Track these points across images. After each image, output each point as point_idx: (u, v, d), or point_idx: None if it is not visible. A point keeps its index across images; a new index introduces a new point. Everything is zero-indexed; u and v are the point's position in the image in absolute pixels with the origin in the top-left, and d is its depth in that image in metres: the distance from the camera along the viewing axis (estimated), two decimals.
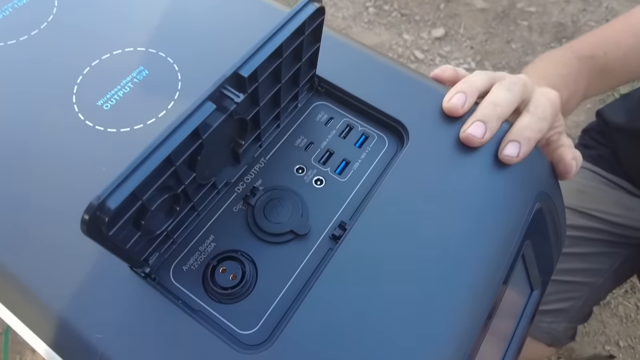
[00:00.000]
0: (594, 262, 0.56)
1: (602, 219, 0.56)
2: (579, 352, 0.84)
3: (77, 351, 0.20)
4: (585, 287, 0.55)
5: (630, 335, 0.88)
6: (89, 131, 0.25)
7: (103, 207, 0.15)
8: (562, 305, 0.56)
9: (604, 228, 0.56)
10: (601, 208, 0.57)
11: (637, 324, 0.89)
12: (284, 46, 0.20)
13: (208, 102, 0.17)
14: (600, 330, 0.88)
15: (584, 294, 0.55)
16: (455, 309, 0.22)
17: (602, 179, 0.59)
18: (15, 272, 0.21)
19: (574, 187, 0.59)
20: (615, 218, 0.56)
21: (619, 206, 0.57)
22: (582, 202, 0.57)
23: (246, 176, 0.25)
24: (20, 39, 0.28)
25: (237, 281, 0.22)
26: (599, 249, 0.56)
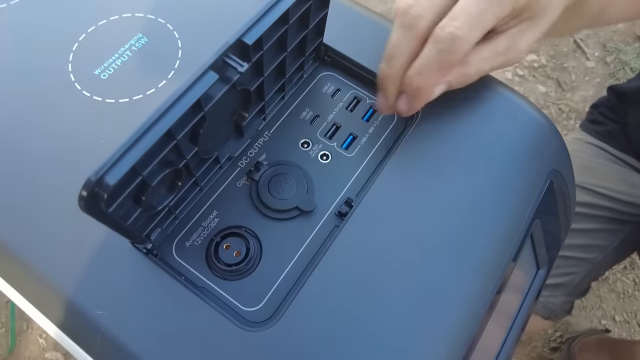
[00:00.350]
0: (595, 239, 0.56)
1: (605, 196, 0.56)
2: (576, 326, 0.85)
3: (80, 327, 0.20)
4: (585, 263, 0.55)
5: (627, 310, 0.89)
6: (87, 102, 0.24)
7: (102, 183, 0.15)
8: (561, 279, 0.56)
9: (607, 205, 0.56)
10: (605, 184, 0.56)
11: (634, 300, 0.90)
12: (291, 12, 0.19)
13: (210, 71, 0.16)
14: (597, 305, 0.89)
15: (583, 269, 0.56)
16: (463, 286, 0.22)
17: (609, 155, 0.58)
18: (15, 249, 0.21)
19: (578, 162, 0.58)
20: (619, 195, 0.56)
21: (624, 183, 0.56)
22: (586, 178, 0.56)
23: (250, 150, 0.24)
24: (12, 2, 0.27)
25: (241, 258, 0.21)
26: (601, 226, 0.56)
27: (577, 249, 0.56)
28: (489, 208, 0.23)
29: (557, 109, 1.10)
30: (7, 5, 0.27)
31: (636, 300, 0.90)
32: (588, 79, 1.12)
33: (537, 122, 0.26)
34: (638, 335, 0.86)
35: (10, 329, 0.78)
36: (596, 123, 0.61)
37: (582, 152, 0.59)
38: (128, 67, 0.25)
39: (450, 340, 0.21)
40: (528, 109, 0.26)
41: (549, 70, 1.13)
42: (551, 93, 1.12)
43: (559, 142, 0.27)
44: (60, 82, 0.24)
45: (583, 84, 1.12)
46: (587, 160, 0.58)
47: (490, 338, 0.27)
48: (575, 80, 1.13)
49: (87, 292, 0.20)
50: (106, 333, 0.19)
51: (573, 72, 1.13)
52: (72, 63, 0.25)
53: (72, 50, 0.25)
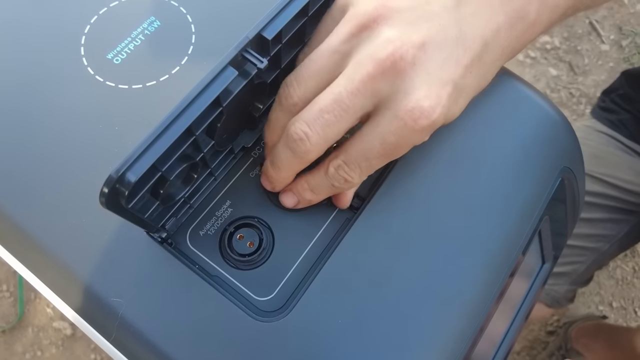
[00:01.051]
0: (601, 228, 0.56)
1: (614, 185, 0.56)
2: (573, 311, 0.87)
3: (98, 313, 0.20)
4: (590, 252, 0.56)
5: (624, 297, 0.90)
6: (100, 87, 0.24)
7: (123, 180, 0.15)
8: (565, 268, 0.57)
9: (615, 195, 0.56)
10: (614, 174, 0.56)
11: (632, 287, 0.91)
12: (310, 4, 0.19)
13: (230, 67, 0.16)
14: (595, 291, 0.90)
15: (588, 258, 0.56)
16: (472, 278, 0.22)
17: (620, 144, 0.57)
18: (35, 236, 0.21)
19: (588, 151, 0.58)
20: (628, 185, 0.56)
21: (633, 173, 0.56)
22: (596, 167, 0.56)
23: (262, 141, 0.24)
24: None
25: (254, 248, 0.21)
26: (608, 215, 0.56)
27: (583, 238, 0.56)
28: (500, 204, 0.24)
29: (568, 93, 1.08)
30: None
31: (634, 287, 0.91)
32: (601, 63, 1.10)
33: (552, 119, 0.25)
34: (634, 322, 0.88)
35: (19, 299, 0.80)
36: (608, 111, 0.60)
37: (592, 141, 0.58)
38: (141, 51, 0.25)
39: (459, 330, 0.22)
40: (543, 105, 0.26)
41: (562, 52, 1.11)
42: (562, 76, 1.10)
43: (572, 139, 0.27)
44: (74, 66, 0.24)
45: (596, 68, 1.10)
46: (597, 149, 0.57)
47: (495, 327, 0.28)
48: (588, 64, 1.10)
49: (104, 280, 0.20)
50: (123, 319, 0.20)
51: (586, 56, 1.11)
52: (84, 47, 0.25)
53: (84, 32, 0.25)
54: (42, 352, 0.78)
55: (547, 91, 1.08)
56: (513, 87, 0.26)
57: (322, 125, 0.18)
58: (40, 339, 0.79)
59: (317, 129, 0.18)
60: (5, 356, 0.77)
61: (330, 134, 0.18)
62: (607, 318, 0.85)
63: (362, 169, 0.20)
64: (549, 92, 1.08)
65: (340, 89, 0.18)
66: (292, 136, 0.18)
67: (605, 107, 0.61)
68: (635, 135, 0.57)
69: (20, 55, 0.24)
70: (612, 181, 0.56)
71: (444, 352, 0.21)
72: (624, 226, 0.57)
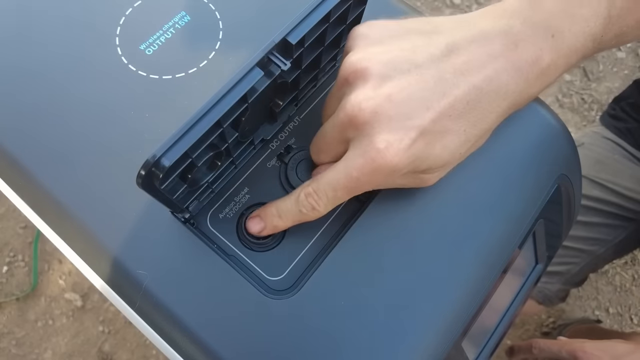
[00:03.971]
0: (597, 232, 0.57)
1: (615, 192, 0.57)
2: (569, 313, 0.88)
3: (124, 283, 0.22)
4: (585, 254, 0.57)
5: (622, 303, 0.92)
6: (133, 76, 0.26)
7: (158, 164, 0.17)
8: (559, 268, 0.58)
9: (615, 201, 0.57)
10: (616, 180, 0.57)
11: (630, 294, 0.92)
12: (333, 11, 0.20)
13: (256, 68, 0.18)
14: (593, 295, 0.91)
15: (582, 260, 0.57)
16: (466, 273, 0.24)
17: (625, 152, 0.58)
18: (70, 208, 0.23)
19: (592, 156, 0.58)
20: (629, 192, 0.57)
21: (635, 181, 0.57)
22: (597, 172, 0.57)
23: (281, 134, 0.26)
24: None
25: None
26: (606, 221, 0.57)
27: (579, 241, 0.57)
28: (496, 206, 0.25)
29: (580, 99, 1.08)
30: None
31: (632, 295, 0.93)
32: (616, 70, 1.10)
33: (551, 127, 0.27)
34: (629, 328, 0.89)
35: (33, 269, 0.83)
36: (617, 119, 0.61)
37: (597, 147, 0.59)
38: (171, 44, 0.27)
39: (452, 317, 0.24)
40: (544, 113, 0.27)
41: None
42: (576, 82, 1.10)
43: (571, 147, 0.28)
44: (109, 55, 0.26)
45: (610, 75, 1.09)
46: (601, 155, 0.58)
47: (486, 320, 0.30)
48: (603, 71, 1.10)
49: (132, 254, 0.22)
50: (147, 290, 0.22)
51: (602, 62, 1.11)
52: (119, 37, 0.27)
53: (119, 24, 0.27)
54: (53, 321, 0.81)
55: (559, 96, 1.08)
56: None
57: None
58: (52, 308, 0.82)
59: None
60: (18, 323, 0.81)
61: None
62: (601, 322, 0.87)
63: (329, 199, 0.22)
64: (561, 97, 1.08)
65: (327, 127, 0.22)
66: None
67: (614, 115, 0.62)
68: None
69: (63, 43, 0.26)
70: (612, 187, 0.57)
71: (436, 338, 0.23)
72: (621, 232, 0.58)
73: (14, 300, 0.81)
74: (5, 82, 0.25)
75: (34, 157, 0.24)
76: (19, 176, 0.24)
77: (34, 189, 0.24)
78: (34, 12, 0.27)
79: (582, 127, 1.06)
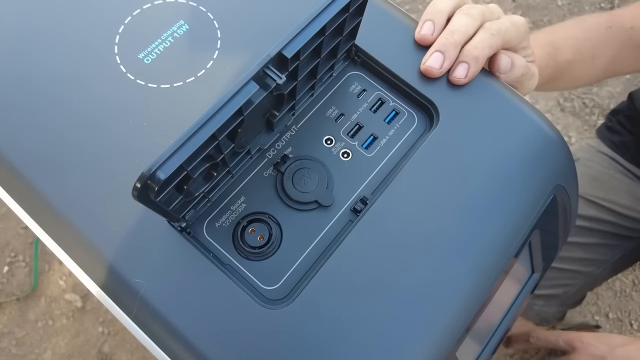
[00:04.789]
0: (594, 253, 0.56)
1: (611, 210, 0.56)
2: (569, 319, 0.88)
3: (121, 292, 0.22)
4: (581, 276, 0.56)
5: (621, 309, 0.91)
6: (131, 85, 0.26)
7: (154, 177, 0.17)
8: (556, 291, 0.57)
9: (612, 220, 0.56)
10: (612, 198, 0.56)
11: (630, 299, 0.92)
12: (328, 25, 0.20)
13: (252, 82, 0.18)
14: (592, 301, 0.91)
15: (579, 282, 0.56)
16: (461, 283, 0.24)
17: (620, 167, 0.57)
18: (67, 216, 0.23)
19: (588, 172, 0.58)
20: (625, 210, 0.56)
21: (631, 198, 0.56)
22: (593, 190, 0.56)
23: (278, 143, 0.26)
24: None
25: (264, 242, 0.24)
26: (602, 240, 0.56)
27: (575, 262, 0.56)
28: (492, 215, 0.25)
29: (581, 103, 1.08)
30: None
31: (632, 300, 0.92)
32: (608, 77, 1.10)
33: (548, 138, 0.27)
34: (629, 333, 0.89)
35: (34, 269, 0.83)
36: (612, 131, 0.60)
37: (593, 162, 0.58)
38: (170, 53, 0.27)
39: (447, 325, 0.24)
40: (542, 125, 0.27)
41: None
42: None
43: (567, 158, 0.28)
44: (108, 63, 0.26)
45: (611, 80, 1.09)
46: (597, 171, 0.57)
47: (482, 327, 0.30)
48: None
49: (128, 262, 0.22)
50: (143, 299, 0.22)
51: None
52: (118, 45, 0.27)
53: (118, 32, 0.27)
54: (53, 322, 0.82)
55: (560, 100, 1.08)
56: (517, 108, 0.27)
57: None
58: (52, 309, 0.83)
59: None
60: (18, 323, 0.81)
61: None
62: (600, 327, 0.87)
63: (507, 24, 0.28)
64: (563, 101, 1.08)
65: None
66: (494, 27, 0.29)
67: (610, 127, 0.61)
68: (636, 158, 0.57)
69: (62, 50, 0.26)
70: (608, 205, 0.56)
71: (431, 348, 0.23)
72: (618, 251, 0.57)
73: (14, 301, 0.81)
74: (4, 89, 0.25)
75: (32, 165, 0.24)
76: (17, 183, 0.24)
77: (31, 196, 0.24)
78: (33, 20, 0.27)
79: (584, 131, 1.06)
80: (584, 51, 0.38)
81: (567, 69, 0.38)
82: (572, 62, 0.38)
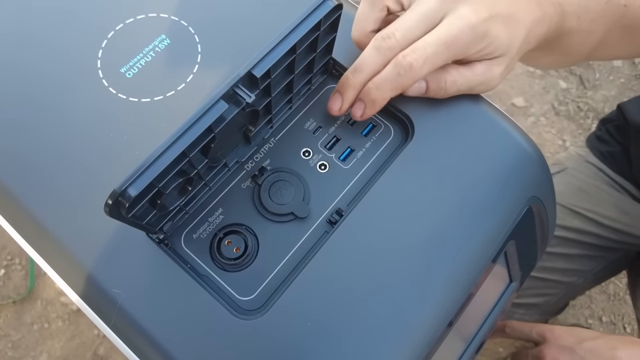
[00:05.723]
0: (577, 264, 0.56)
1: (596, 222, 0.55)
2: (562, 321, 0.89)
3: (100, 301, 0.23)
4: (563, 286, 0.56)
5: (615, 312, 0.92)
6: (113, 99, 0.26)
7: (124, 194, 0.18)
8: (537, 300, 0.57)
9: (595, 231, 0.55)
10: (598, 210, 0.55)
11: (624, 303, 0.92)
12: (298, 44, 0.21)
13: (221, 101, 0.19)
14: (586, 304, 0.92)
15: (560, 291, 0.56)
16: (433, 295, 0.25)
17: (607, 179, 0.57)
18: (47, 225, 0.24)
19: (575, 183, 0.57)
20: (610, 222, 0.55)
21: (617, 210, 0.55)
22: (579, 201, 0.56)
23: (256, 155, 0.27)
24: None
25: (240, 254, 0.24)
26: (586, 252, 0.56)
27: (557, 272, 0.56)
28: (466, 227, 0.26)
29: (576, 107, 1.09)
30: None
31: (625, 303, 0.93)
32: (612, 79, 1.10)
33: (523, 151, 0.28)
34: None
35: (30, 272, 0.84)
36: (601, 141, 0.60)
37: (580, 172, 0.58)
38: (151, 67, 0.27)
39: (417, 340, 0.24)
40: (518, 138, 0.28)
41: (574, 66, 1.11)
42: (572, 90, 1.10)
43: (543, 170, 0.29)
44: (90, 77, 0.27)
45: (606, 83, 1.10)
46: (584, 182, 0.57)
47: (457, 337, 0.30)
48: (599, 79, 1.10)
49: (107, 273, 0.23)
50: (121, 309, 0.23)
51: (598, 70, 1.11)
52: (100, 59, 0.27)
53: (101, 46, 0.28)
54: (49, 325, 0.82)
55: (555, 103, 1.08)
56: (492, 121, 0.28)
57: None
58: (48, 312, 0.83)
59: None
60: (14, 325, 0.82)
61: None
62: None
63: (428, 55, 0.24)
64: (557, 105, 1.08)
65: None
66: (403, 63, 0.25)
67: (599, 137, 0.61)
68: (623, 170, 0.57)
69: (46, 64, 0.27)
70: (593, 217, 0.55)
71: (405, 356, 0.24)
72: (601, 262, 0.56)
73: (10, 303, 0.82)
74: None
75: (13, 175, 0.25)
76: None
77: (12, 206, 0.25)
78: (16, 32, 0.27)
79: (578, 135, 1.06)
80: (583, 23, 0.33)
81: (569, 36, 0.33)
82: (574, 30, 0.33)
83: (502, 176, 0.27)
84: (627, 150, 0.56)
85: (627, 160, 0.56)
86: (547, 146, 1.04)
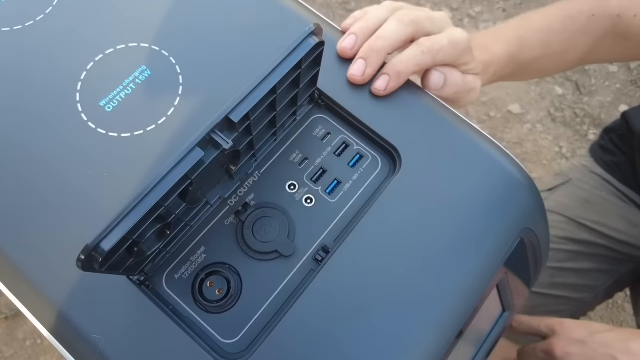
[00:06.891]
0: (588, 279, 0.55)
1: (604, 234, 0.54)
2: None
3: (80, 347, 0.22)
4: (574, 303, 0.55)
5: (613, 319, 0.91)
6: (92, 134, 0.26)
7: (97, 249, 0.17)
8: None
9: (604, 244, 0.54)
10: (605, 222, 0.54)
11: (622, 311, 0.92)
12: (278, 84, 0.20)
13: (197, 149, 0.18)
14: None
15: (571, 308, 0.55)
16: (423, 336, 0.24)
17: (613, 189, 0.56)
18: (24, 269, 0.23)
19: (580, 195, 0.56)
20: (618, 234, 0.54)
21: (624, 221, 0.54)
22: (586, 213, 0.55)
23: (240, 189, 0.26)
24: (27, 24, 0.28)
25: (222, 295, 0.23)
26: (596, 266, 0.55)
27: (568, 289, 0.54)
28: (457, 259, 0.25)
29: (572, 113, 1.08)
30: (22, 28, 0.28)
31: (624, 311, 0.92)
32: (608, 84, 1.10)
33: (514, 181, 0.27)
34: None
35: None
36: (606, 151, 0.59)
37: (585, 184, 0.57)
38: (131, 100, 0.27)
39: None
40: (508, 167, 0.27)
41: (569, 72, 1.10)
42: (568, 96, 1.09)
43: (535, 200, 0.28)
44: (69, 111, 0.26)
45: (602, 89, 1.09)
46: (589, 193, 0.56)
47: None
48: (595, 85, 1.10)
49: (86, 317, 0.22)
50: (101, 354, 0.22)
51: (594, 76, 1.11)
52: (80, 93, 0.27)
53: (80, 79, 0.27)
54: (41, 340, 0.81)
55: (551, 110, 1.08)
56: (477, 149, 0.27)
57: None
58: None
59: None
60: (6, 342, 0.81)
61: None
62: None
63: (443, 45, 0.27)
64: (554, 111, 1.08)
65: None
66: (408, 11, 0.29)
67: (603, 146, 0.59)
68: (628, 180, 0.55)
69: (23, 98, 0.26)
70: (601, 229, 0.54)
71: None
72: (611, 276, 0.55)
73: (2, 319, 0.81)
74: None
75: None
76: None
77: None
78: None
79: (575, 141, 1.06)
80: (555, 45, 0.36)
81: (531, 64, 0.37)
82: (538, 58, 0.37)
83: (492, 207, 0.26)
84: (632, 160, 0.55)
85: (632, 170, 0.55)
86: (544, 153, 1.04)
